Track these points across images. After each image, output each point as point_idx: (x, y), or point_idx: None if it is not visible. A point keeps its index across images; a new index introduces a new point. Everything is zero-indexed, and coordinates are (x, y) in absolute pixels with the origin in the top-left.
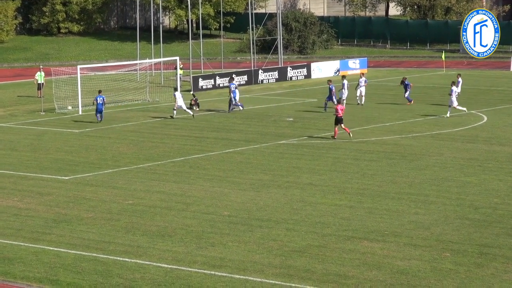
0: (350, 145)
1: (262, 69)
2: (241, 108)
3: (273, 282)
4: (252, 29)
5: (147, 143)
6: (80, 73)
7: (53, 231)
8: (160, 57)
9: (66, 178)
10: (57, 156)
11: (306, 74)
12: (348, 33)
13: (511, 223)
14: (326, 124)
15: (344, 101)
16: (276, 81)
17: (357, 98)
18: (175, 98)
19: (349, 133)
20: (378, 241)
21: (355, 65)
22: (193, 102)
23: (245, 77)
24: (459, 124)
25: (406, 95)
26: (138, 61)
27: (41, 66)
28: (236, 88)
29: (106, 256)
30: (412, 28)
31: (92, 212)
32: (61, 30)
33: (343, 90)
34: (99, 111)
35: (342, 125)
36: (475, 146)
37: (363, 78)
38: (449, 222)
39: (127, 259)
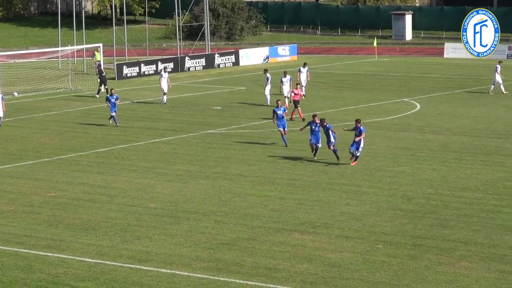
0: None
1: (189, 56)
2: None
3: (201, 276)
4: (178, 15)
5: (69, 133)
6: None
7: None
8: (83, 44)
9: None
10: None
11: (234, 61)
12: (277, 19)
13: (444, 214)
14: (255, 113)
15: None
16: (203, 69)
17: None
18: (161, 78)
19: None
20: (309, 233)
21: (284, 52)
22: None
23: (171, 65)
24: (391, 113)
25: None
26: (59, 48)
27: None
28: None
29: (27, 251)
30: (343, 13)
31: (12, 205)
32: None
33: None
34: None
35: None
36: (407, 135)
37: (306, 68)
38: (382, 213)
39: (49, 254)
